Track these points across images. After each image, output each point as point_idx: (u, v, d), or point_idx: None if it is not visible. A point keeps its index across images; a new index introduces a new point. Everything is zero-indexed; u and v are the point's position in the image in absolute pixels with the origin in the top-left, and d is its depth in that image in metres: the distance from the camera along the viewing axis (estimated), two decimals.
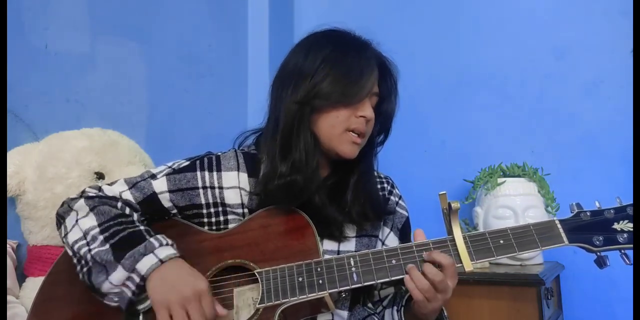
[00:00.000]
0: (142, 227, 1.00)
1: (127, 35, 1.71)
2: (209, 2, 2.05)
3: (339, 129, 1.06)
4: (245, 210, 1.08)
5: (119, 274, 0.93)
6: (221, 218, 1.08)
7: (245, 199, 1.08)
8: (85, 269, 0.96)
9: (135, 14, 1.74)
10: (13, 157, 1.32)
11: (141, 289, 0.94)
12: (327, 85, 1.03)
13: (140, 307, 0.96)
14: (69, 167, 1.32)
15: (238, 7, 2.19)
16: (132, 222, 1.00)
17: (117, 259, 0.93)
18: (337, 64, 1.04)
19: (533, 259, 1.71)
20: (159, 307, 0.91)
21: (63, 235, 1.02)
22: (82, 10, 1.58)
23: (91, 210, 1.01)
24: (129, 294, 0.94)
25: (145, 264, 0.92)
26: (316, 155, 1.06)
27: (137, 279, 0.93)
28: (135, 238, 0.96)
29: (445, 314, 1.05)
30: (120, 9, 1.69)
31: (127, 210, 1.03)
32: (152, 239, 0.96)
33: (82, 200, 1.03)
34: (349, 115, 1.06)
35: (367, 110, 1.07)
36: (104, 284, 0.93)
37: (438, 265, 0.95)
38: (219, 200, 1.07)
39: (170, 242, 0.98)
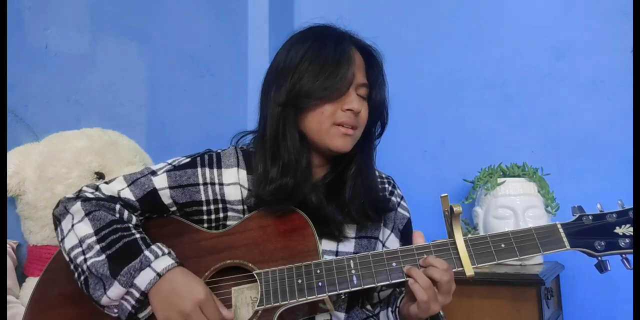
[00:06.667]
0: (138, 235, 0.98)
1: (127, 35, 1.71)
2: (209, 2, 2.05)
3: (326, 124, 1.04)
4: (245, 207, 1.07)
5: (116, 290, 0.92)
6: (220, 215, 1.07)
7: (245, 196, 1.07)
8: (82, 279, 0.96)
9: (135, 14, 1.74)
10: (13, 157, 1.32)
11: (142, 302, 0.93)
12: (306, 82, 1.02)
13: (142, 315, 0.95)
14: (69, 167, 1.32)
15: (238, 7, 2.19)
16: (128, 229, 0.98)
17: (114, 275, 0.92)
18: (314, 59, 1.03)
19: (533, 258, 1.70)
20: None
21: (60, 239, 1.01)
22: (82, 10, 1.58)
23: (87, 215, 0.99)
24: (129, 307, 0.93)
25: (144, 280, 0.92)
26: (305, 153, 1.05)
27: (136, 294, 0.92)
28: (131, 249, 0.95)
29: (442, 313, 1.05)
30: (120, 9, 1.69)
31: (125, 215, 1.02)
32: (147, 252, 0.94)
33: (78, 204, 1.02)
34: (335, 109, 1.04)
35: (353, 102, 1.04)
36: (102, 297, 0.93)
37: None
38: (219, 197, 1.06)
39: (166, 250, 0.97)
